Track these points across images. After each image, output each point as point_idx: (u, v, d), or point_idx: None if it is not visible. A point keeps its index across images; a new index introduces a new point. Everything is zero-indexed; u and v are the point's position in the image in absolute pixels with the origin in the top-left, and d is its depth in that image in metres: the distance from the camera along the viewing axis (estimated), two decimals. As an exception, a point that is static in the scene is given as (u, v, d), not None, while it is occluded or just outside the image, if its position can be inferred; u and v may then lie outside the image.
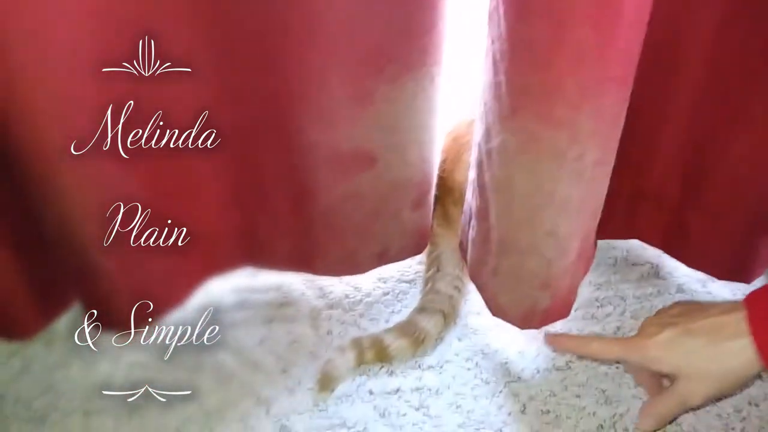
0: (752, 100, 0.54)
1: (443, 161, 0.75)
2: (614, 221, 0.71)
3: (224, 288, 0.71)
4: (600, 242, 0.73)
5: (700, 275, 0.75)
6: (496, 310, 0.65)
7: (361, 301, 0.71)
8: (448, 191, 0.76)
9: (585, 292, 0.69)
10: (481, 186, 0.58)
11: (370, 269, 0.72)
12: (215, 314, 0.63)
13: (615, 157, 0.55)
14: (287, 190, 0.62)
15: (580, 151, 0.51)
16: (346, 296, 0.71)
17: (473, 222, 0.63)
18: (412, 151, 0.61)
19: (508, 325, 0.63)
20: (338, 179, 0.60)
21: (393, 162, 0.62)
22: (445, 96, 0.59)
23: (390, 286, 0.72)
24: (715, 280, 0.74)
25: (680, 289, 0.74)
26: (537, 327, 0.66)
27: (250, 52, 0.53)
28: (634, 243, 0.78)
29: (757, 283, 0.73)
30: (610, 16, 0.43)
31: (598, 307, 0.73)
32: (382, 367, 0.64)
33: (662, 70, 0.60)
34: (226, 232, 0.63)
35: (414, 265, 0.74)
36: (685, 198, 0.64)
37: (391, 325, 0.67)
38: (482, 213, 0.59)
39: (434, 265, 0.72)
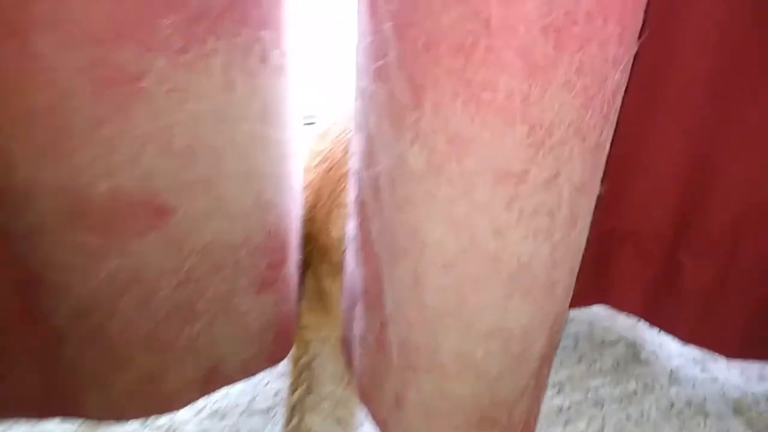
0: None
1: (312, 206, 0.48)
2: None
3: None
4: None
5: (696, 353, 0.56)
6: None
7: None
8: (321, 253, 0.49)
9: (542, 399, 0.43)
10: (365, 244, 0.37)
11: (192, 401, 0.44)
12: None
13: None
14: (12, 284, 0.36)
15: (554, 166, 0.26)
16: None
17: (360, 307, 0.36)
18: (243, 188, 0.32)
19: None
20: (96, 251, 0.35)
21: (204, 210, 0.33)
22: (302, 92, 0.39)
23: (230, 424, 0.42)
24: (720, 360, 0.54)
25: (675, 379, 0.52)
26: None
27: None
28: (599, 311, 0.56)
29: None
30: None
31: (565, 423, 0.47)
32: None
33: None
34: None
35: (273, 381, 0.45)
36: (677, 240, 0.48)
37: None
38: (371, 293, 0.32)
39: (304, 381, 0.45)
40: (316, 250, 0.51)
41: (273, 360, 0.48)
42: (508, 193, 0.27)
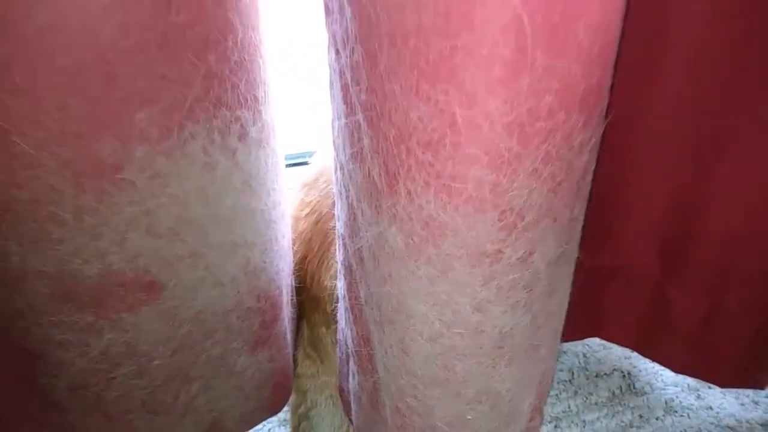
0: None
1: (303, 258, 0.49)
2: (567, 316, 0.48)
3: None
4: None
5: (690, 381, 0.55)
6: None
7: None
8: (314, 304, 0.49)
9: (540, 436, 0.43)
10: (354, 305, 0.33)
11: (194, 458, 0.41)
12: None
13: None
14: (12, 361, 0.36)
15: (528, 245, 0.26)
16: None
17: (352, 363, 0.36)
18: (230, 258, 0.33)
19: None
20: (90, 327, 0.35)
21: (194, 282, 0.34)
22: (281, 156, 0.33)
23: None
24: (714, 387, 0.53)
25: (670, 408, 0.51)
26: None
27: None
28: (593, 343, 0.55)
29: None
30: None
31: (563, 460, 0.47)
32: None
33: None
34: None
35: (275, 429, 0.45)
36: (665, 274, 0.46)
37: None
38: (362, 354, 0.32)
39: (303, 431, 0.43)
40: (309, 300, 0.50)
41: (272, 410, 0.47)
42: (484, 272, 0.27)
